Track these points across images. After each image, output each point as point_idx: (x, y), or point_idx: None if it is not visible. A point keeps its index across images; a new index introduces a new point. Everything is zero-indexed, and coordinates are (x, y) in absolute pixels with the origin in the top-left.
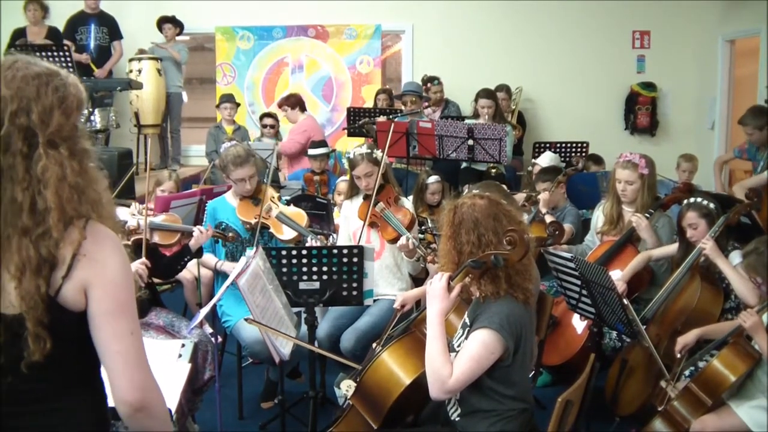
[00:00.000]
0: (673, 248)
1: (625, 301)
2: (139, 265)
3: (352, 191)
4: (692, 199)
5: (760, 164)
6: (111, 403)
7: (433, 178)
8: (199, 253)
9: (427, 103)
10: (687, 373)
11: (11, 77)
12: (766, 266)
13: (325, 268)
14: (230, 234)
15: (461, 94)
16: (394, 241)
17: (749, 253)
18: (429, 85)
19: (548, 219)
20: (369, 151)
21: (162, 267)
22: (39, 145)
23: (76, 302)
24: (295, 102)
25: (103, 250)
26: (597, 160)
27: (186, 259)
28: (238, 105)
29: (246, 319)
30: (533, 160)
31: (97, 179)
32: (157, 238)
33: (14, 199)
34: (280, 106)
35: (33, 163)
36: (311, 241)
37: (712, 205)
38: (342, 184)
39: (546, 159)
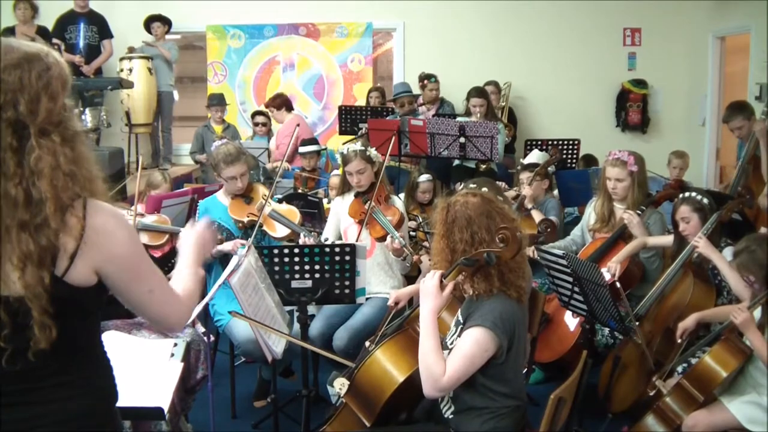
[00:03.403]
0: (668, 239)
1: (618, 285)
2: None
3: (344, 188)
4: (687, 194)
5: (740, 161)
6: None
7: (424, 177)
8: None
9: (420, 101)
10: (679, 369)
11: None
12: (757, 264)
13: (317, 267)
14: (219, 236)
15: (453, 92)
16: (382, 239)
17: (740, 251)
18: (426, 82)
19: (536, 215)
20: (362, 148)
21: None
22: (31, 136)
23: (85, 280)
24: (281, 102)
25: (105, 227)
26: (589, 161)
27: (174, 260)
28: (227, 105)
29: (231, 313)
30: (521, 160)
31: (88, 159)
32: (146, 239)
33: (7, 194)
34: (267, 107)
35: (25, 155)
36: (305, 238)
37: (705, 200)
38: (334, 178)
39: (533, 157)
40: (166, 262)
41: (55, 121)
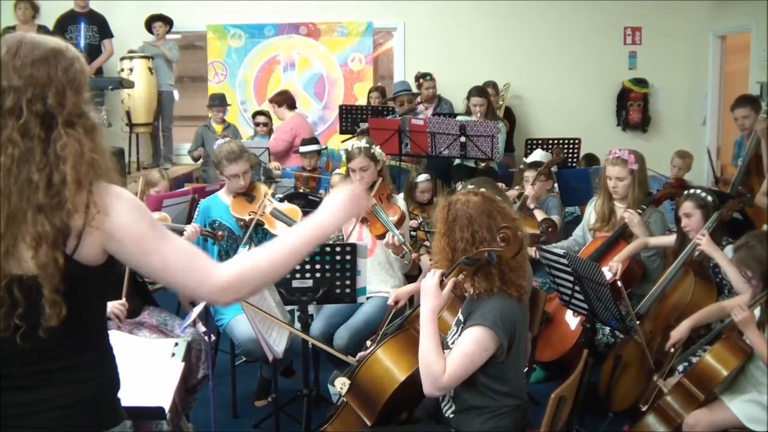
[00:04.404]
0: (670, 239)
1: (619, 284)
2: (116, 306)
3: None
4: (692, 190)
5: (739, 160)
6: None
7: (422, 177)
8: None
9: (419, 100)
10: (680, 368)
11: (20, 65)
12: (756, 260)
13: (318, 266)
14: (219, 233)
15: (453, 92)
16: (381, 236)
17: (740, 247)
18: (421, 80)
19: (538, 214)
20: (367, 145)
21: None
22: (58, 126)
23: (94, 258)
24: (282, 100)
25: (106, 204)
26: (590, 160)
27: None
28: (228, 105)
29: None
30: (525, 159)
31: (106, 150)
32: None
33: (30, 180)
34: (270, 101)
35: (51, 143)
36: None
37: (709, 198)
38: (335, 177)
39: (536, 156)
40: None
41: (79, 113)
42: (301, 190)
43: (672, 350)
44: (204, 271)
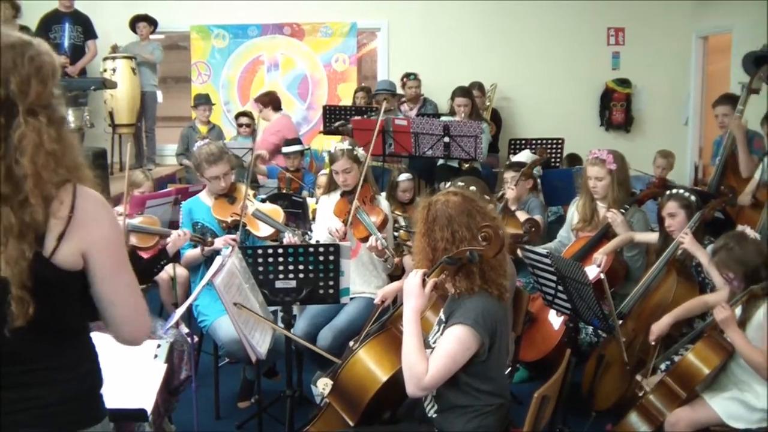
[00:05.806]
0: (654, 235)
1: (602, 276)
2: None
3: (331, 186)
4: (675, 190)
5: (717, 159)
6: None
7: (403, 176)
8: (176, 257)
9: (402, 99)
10: (663, 367)
11: None
12: (736, 261)
13: (301, 267)
14: (209, 239)
15: (437, 92)
16: (365, 239)
17: (719, 249)
18: (405, 80)
19: (521, 215)
20: (350, 147)
21: (139, 270)
22: (19, 114)
23: (72, 263)
24: (269, 101)
25: (93, 212)
26: (573, 160)
27: (163, 263)
28: (213, 105)
29: (235, 304)
30: (511, 158)
31: (74, 145)
32: (134, 241)
33: None
34: (256, 101)
35: (11, 132)
36: (289, 236)
37: (693, 197)
38: (322, 177)
39: (523, 157)
40: (155, 263)
41: (44, 104)
42: (284, 191)
43: (653, 343)
44: (143, 313)
